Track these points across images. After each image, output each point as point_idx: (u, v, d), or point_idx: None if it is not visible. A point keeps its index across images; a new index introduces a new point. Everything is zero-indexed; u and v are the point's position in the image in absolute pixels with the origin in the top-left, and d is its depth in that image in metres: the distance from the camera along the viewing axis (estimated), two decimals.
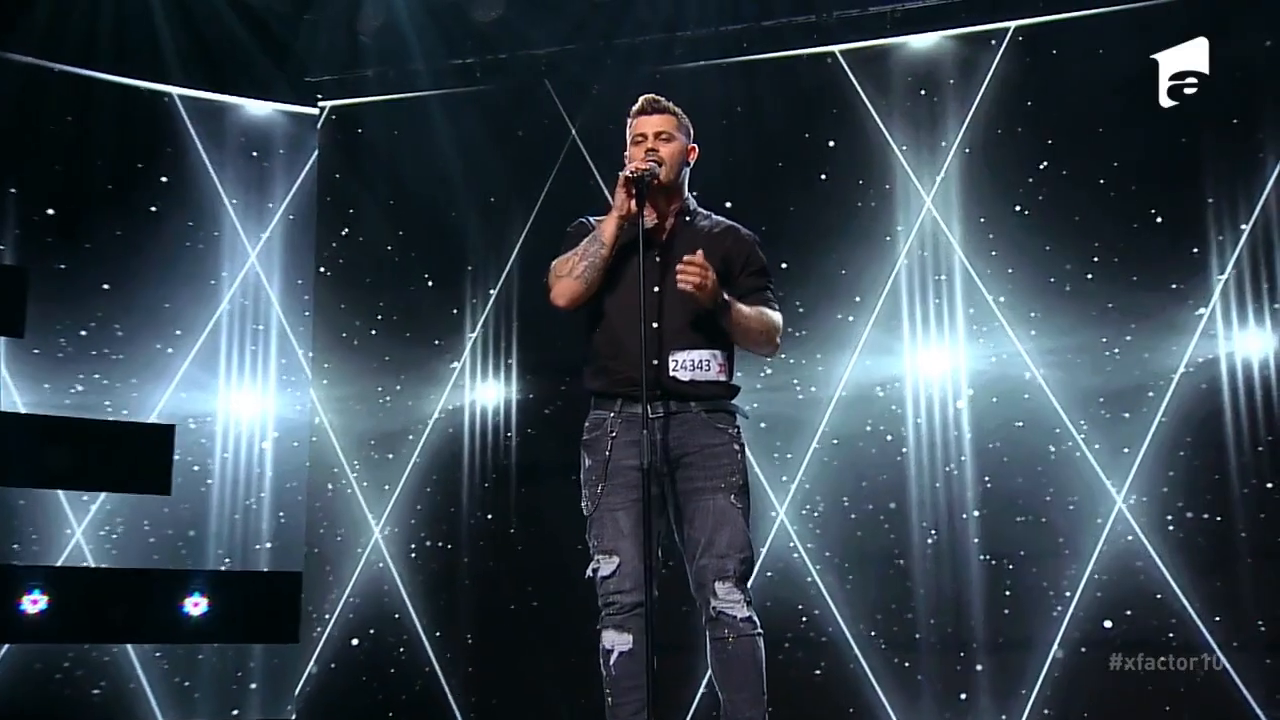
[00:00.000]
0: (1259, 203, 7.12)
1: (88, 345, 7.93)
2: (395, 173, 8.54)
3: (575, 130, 8.29)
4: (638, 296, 3.51)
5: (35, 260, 7.67)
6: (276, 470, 8.40)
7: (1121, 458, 7.12)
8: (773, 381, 7.62)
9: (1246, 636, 6.71)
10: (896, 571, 7.35)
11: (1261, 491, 6.88)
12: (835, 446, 7.61)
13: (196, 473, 8.12)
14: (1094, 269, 7.31)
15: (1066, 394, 7.28)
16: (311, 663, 8.06)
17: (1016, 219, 7.51)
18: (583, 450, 3.77)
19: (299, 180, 8.77)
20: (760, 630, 3.65)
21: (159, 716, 7.83)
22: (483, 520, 8.12)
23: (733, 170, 7.60)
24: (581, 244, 3.70)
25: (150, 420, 7.91)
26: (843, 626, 7.38)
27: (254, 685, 8.10)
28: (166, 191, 8.31)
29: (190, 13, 8.25)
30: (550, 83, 8.38)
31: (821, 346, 7.70)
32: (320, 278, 8.57)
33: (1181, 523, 6.98)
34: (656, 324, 3.62)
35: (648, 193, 3.60)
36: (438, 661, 7.96)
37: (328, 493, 8.29)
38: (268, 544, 8.29)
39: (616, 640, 3.62)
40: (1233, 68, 7.13)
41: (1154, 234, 7.26)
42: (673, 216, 3.80)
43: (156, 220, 8.21)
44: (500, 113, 8.45)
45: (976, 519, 7.30)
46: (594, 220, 3.78)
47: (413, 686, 7.93)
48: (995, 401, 7.43)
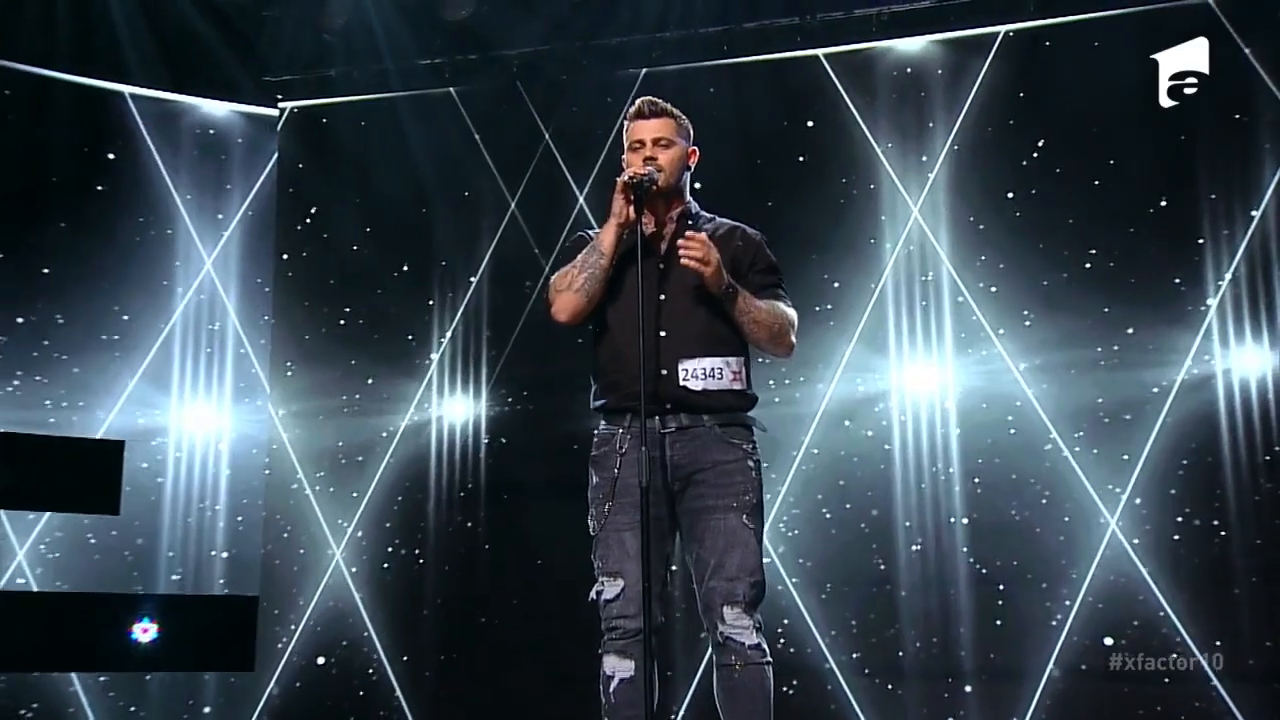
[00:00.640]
0: (1256, 216, 7.10)
1: (28, 348, 7.75)
2: (359, 178, 8.43)
3: (549, 135, 8.21)
4: (639, 306, 3.47)
5: None
6: (232, 487, 8.23)
7: (1115, 476, 7.06)
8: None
9: (1246, 661, 6.69)
10: (880, 589, 7.28)
11: (1260, 512, 6.85)
12: (818, 461, 7.51)
13: (147, 490, 7.93)
14: (1087, 281, 7.27)
15: (1058, 410, 7.23)
16: (271, 684, 7.89)
17: (1006, 229, 7.46)
18: (590, 467, 3.71)
19: (257, 185, 8.61)
20: (769, 659, 3.57)
21: None
22: (452, 539, 8.00)
23: (712, 176, 7.43)
24: (579, 256, 3.66)
25: (98, 436, 7.73)
26: (822, 647, 7.26)
27: (208, 709, 7.90)
28: (116, 197, 8.14)
29: (145, 8, 8.09)
30: (523, 85, 8.29)
31: (805, 356, 7.52)
32: (279, 285, 8.43)
33: (1176, 543, 6.94)
34: (664, 333, 3.57)
35: (646, 198, 3.56)
36: (404, 685, 7.86)
37: (287, 511, 8.16)
38: (222, 566, 8.11)
39: (618, 666, 3.53)
40: (1230, 75, 7.12)
41: (1149, 246, 7.23)
42: (673, 222, 3.75)
43: (106, 227, 8.03)
44: (470, 116, 8.34)
45: (965, 537, 7.24)
46: (592, 234, 3.74)
47: (378, 712, 7.80)
48: (984, 415, 7.38)
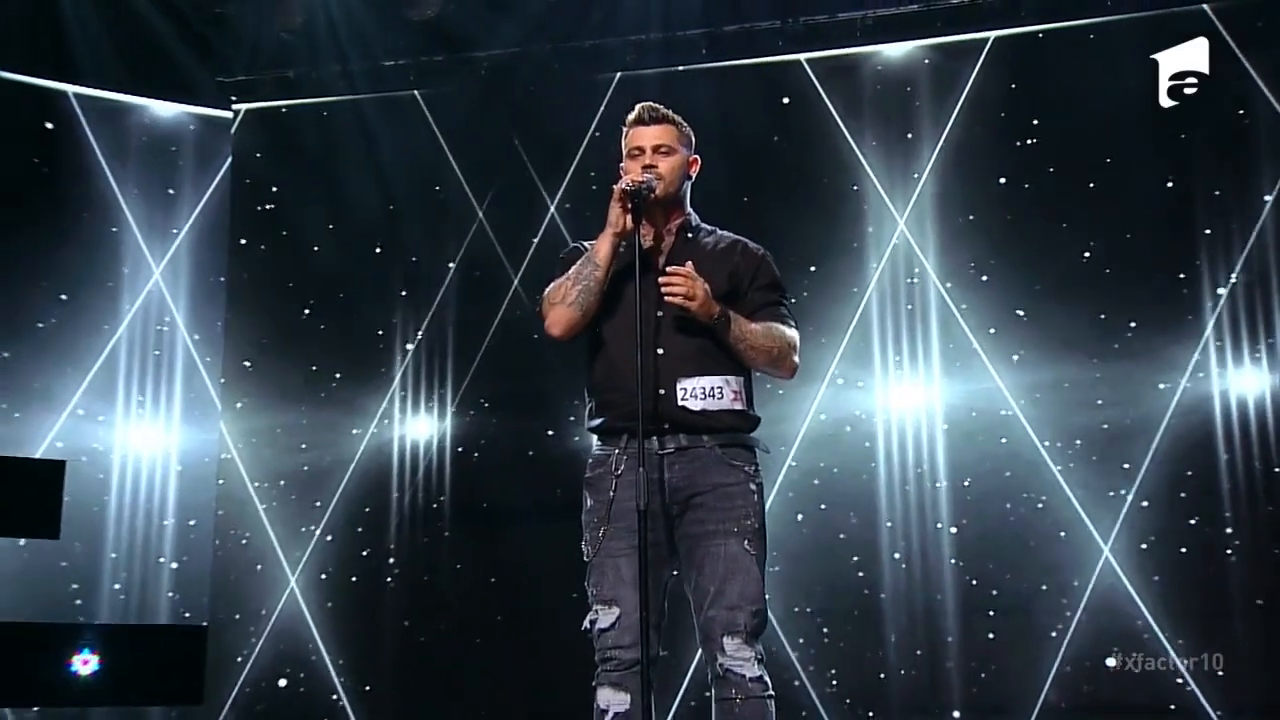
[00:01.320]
0: (1253, 233, 7.12)
1: None
2: (318, 185, 8.32)
3: (519, 141, 8.15)
4: (636, 322, 3.42)
5: None
6: (180, 510, 8.11)
7: (1108, 501, 7.04)
8: None
9: (1243, 691, 6.67)
10: (864, 616, 7.25)
11: (1258, 537, 6.86)
12: (802, 480, 7.43)
13: (90, 510, 7.78)
14: (1079, 296, 7.25)
15: (1049, 432, 7.21)
16: (223, 717, 7.77)
17: (996, 243, 7.46)
18: (585, 490, 3.63)
19: (209, 191, 8.48)
20: (772, 692, 3.49)
21: None
22: (414, 565, 7.90)
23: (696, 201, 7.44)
24: (574, 268, 3.60)
25: (37, 455, 7.56)
26: (805, 679, 7.17)
27: None
28: (59, 202, 8.01)
29: (95, 4, 7.94)
30: (492, 88, 8.20)
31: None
32: (233, 297, 8.31)
33: (1171, 570, 6.93)
34: (661, 350, 3.53)
35: (644, 208, 3.52)
36: (364, 718, 7.73)
37: (238, 535, 8.02)
38: (169, 594, 7.97)
39: (612, 700, 3.45)
40: (1228, 85, 7.17)
41: (1145, 260, 7.25)
42: (672, 234, 3.70)
43: (47, 234, 7.89)
44: (437, 120, 8.27)
45: (953, 566, 7.21)
46: (587, 245, 3.68)
47: None
48: (973, 437, 7.36)
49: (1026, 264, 7.36)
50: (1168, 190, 7.27)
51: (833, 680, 7.21)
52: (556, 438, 7.72)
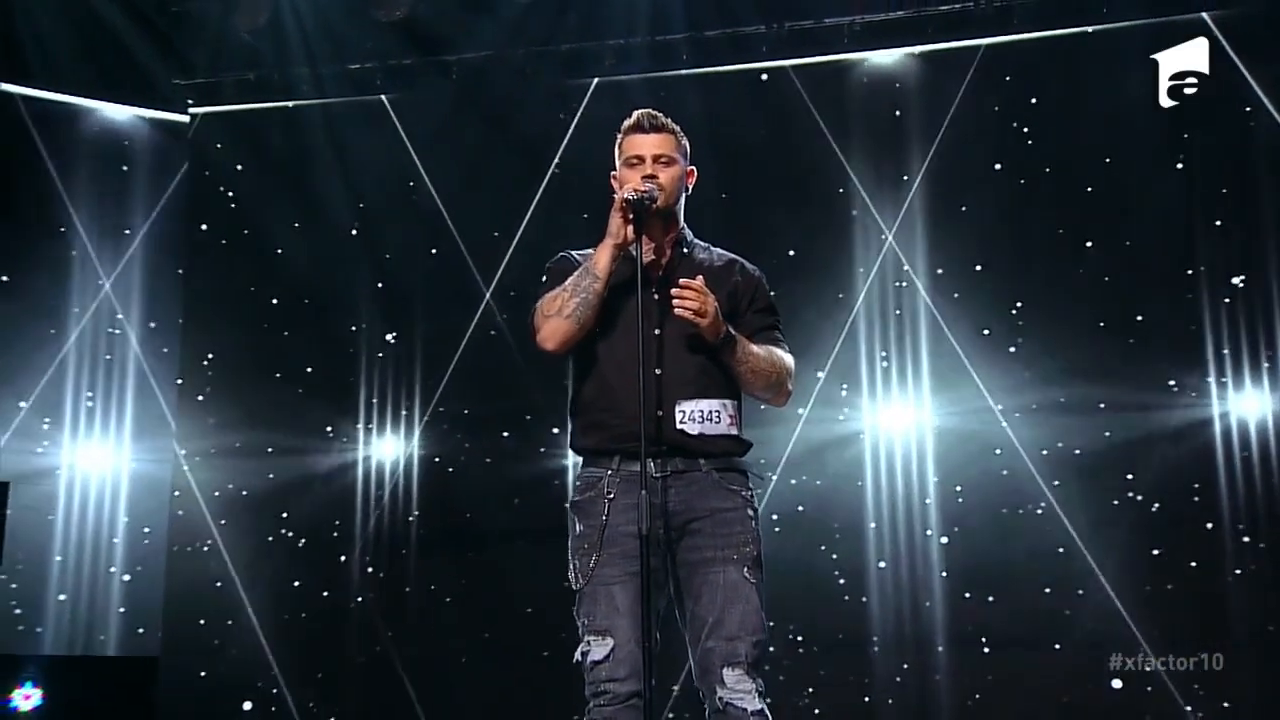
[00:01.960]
0: (1254, 252, 7.13)
1: None
2: (280, 193, 8.21)
3: (491, 148, 8.08)
4: (634, 339, 3.41)
5: None
6: (131, 534, 8.02)
7: (1103, 530, 7.02)
8: None
9: (1243, 715, 6.66)
10: (851, 648, 7.20)
11: (1258, 567, 6.83)
12: (787, 505, 7.36)
13: (35, 534, 7.70)
14: (1074, 313, 7.25)
15: (1042, 455, 7.18)
16: None
17: (988, 258, 7.44)
18: (572, 514, 3.56)
19: (164, 198, 8.42)
20: None
21: None
22: (376, 596, 7.81)
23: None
24: (570, 278, 3.54)
25: None
26: (788, 704, 7.09)
27: None
28: (4, 208, 7.93)
29: (44, 2, 7.84)
30: (464, 93, 8.14)
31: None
32: (189, 310, 8.21)
33: (1169, 601, 6.88)
34: (660, 371, 3.50)
35: (646, 219, 3.49)
36: None
37: (191, 561, 7.87)
38: (118, 621, 7.85)
39: None
40: (1224, 104, 7.17)
41: (1142, 278, 7.23)
42: (668, 248, 3.67)
43: None
44: (405, 126, 8.19)
45: (942, 597, 7.18)
46: (577, 254, 3.65)
47: None
48: (963, 461, 7.32)
49: (1019, 276, 7.36)
50: (1166, 201, 7.23)
51: (814, 710, 7.16)
52: (531, 456, 7.68)
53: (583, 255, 3.60)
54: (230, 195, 8.28)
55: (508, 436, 7.74)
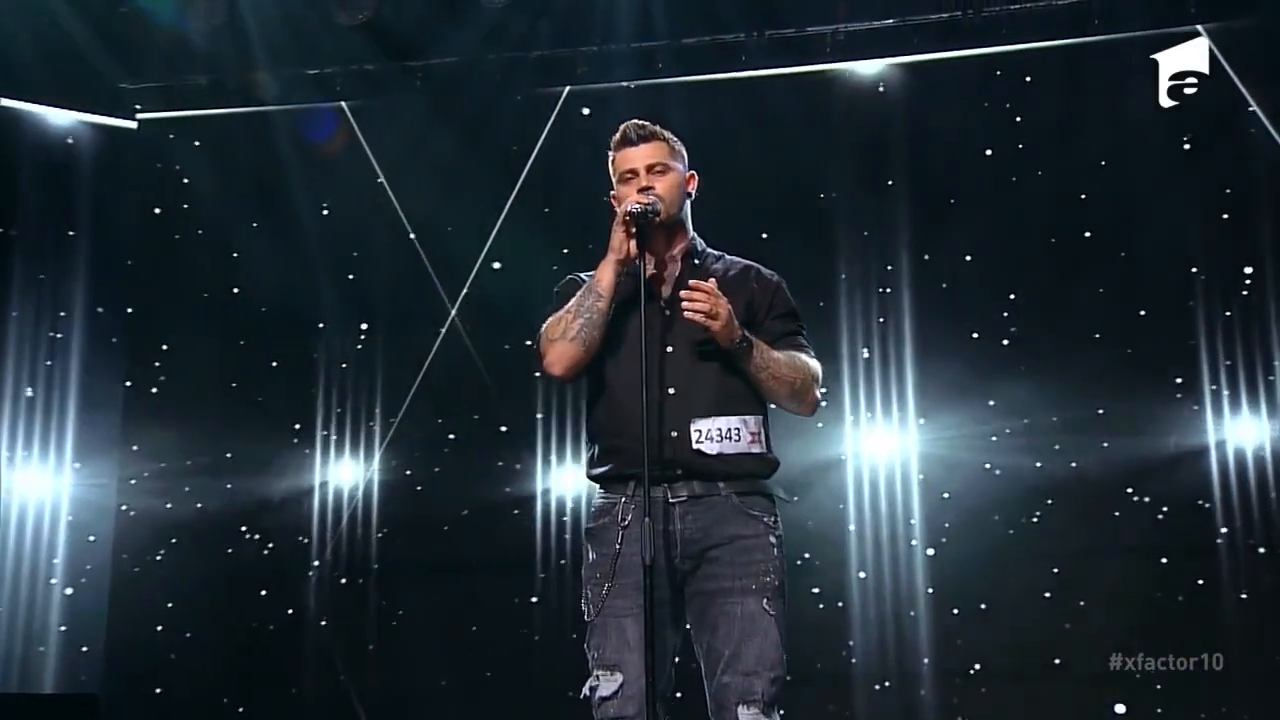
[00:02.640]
0: (1251, 271, 7.12)
1: None
2: (231, 204, 8.15)
3: (457, 159, 7.98)
4: (641, 359, 3.39)
5: None
6: (70, 565, 7.91)
7: (1094, 563, 7.01)
8: None
9: None
10: (834, 675, 7.17)
11: (1259, 601, 6.81)
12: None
13: None
14: (1065, 338, 7.24)
15: (1032, 485, 7.16)
16: None
17: (977, 278, 7.40)
18: (586, 542, 3.59)
19: (108, 209, 8.30)
20: None
21: None
22: (333, 632, 7.73)
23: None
24: (574, 299, 3.55)
25: None
26: None
27: None
28: None
29: None
30: (428, 101, 8.07)
31: None
32: (132, 326, 8.15)
33: (1165, 639, 6.82)
34: (672, 390, 3.49)
35: (650, 232, 3.49)
36: None
37: (136, 593, 7.76)
38: (55, 657, 7.75)
39: None
40: (1225, 117, 7.19)
41: (1136, 299, 7.22)
42: (677, 261, 3.66)
43: None
44: (366, 135, 8.14)
45: (929, 642, 7.15)
46: (585, 276, 3.62)
47: None
48: (948, 494, 7.29)
49: (1009, 294, 7.35)
50: (1161, 220, 7.22)
51: None
52: (497, 482, 7.64)
53: (590, 276, 3.57)
54: (179, 206, 8.20)
55: (474, 461, 7.66)
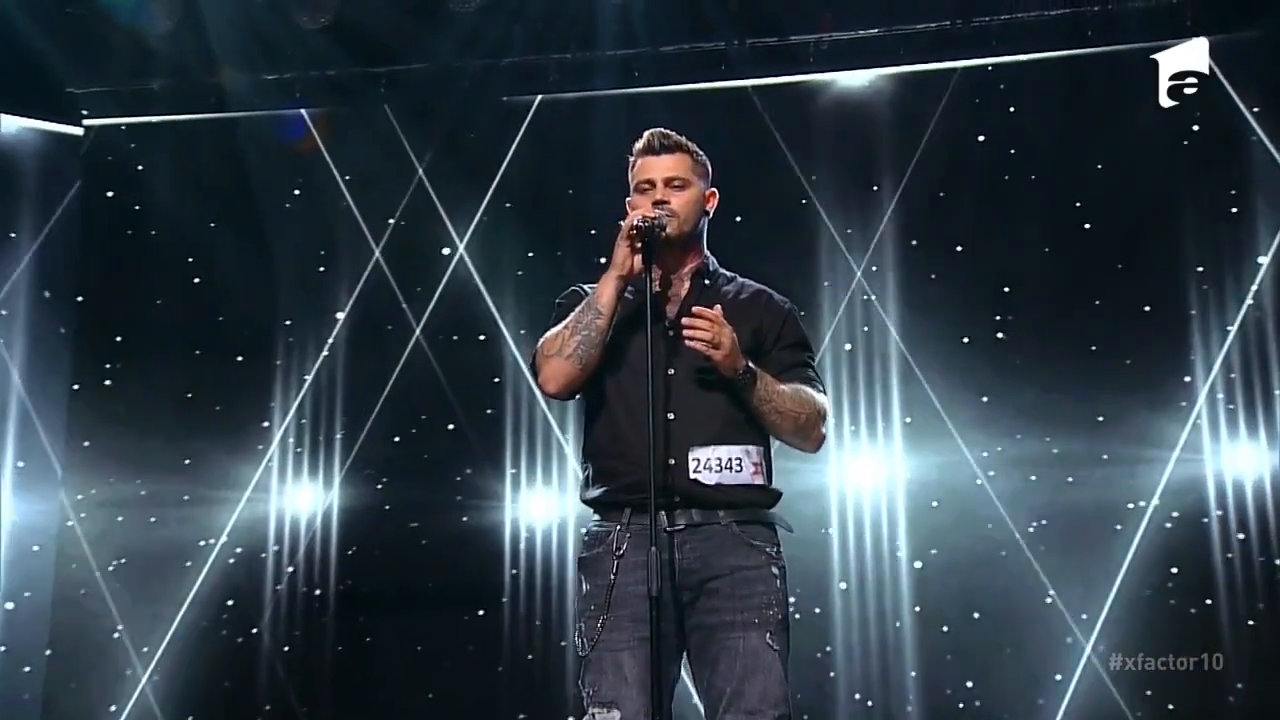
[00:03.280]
0: (1249, 293, 7.06)
1: None
2: (185, 215, 8.00)
3: (423, 170, 7.93)
4: (644, 381, 3.35)
5: None
6: (9, 592, 7.78)
7: (1090, 595, 6.94)
8: None
9: None
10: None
11: (1256, 634, 6.73)
12: None
13: None
14: (1055, 358, 7.14)
15: (1024, 514, 7.08)
16: None
17: (965, 299, 7.33)
18: (580, 573, 3.55)
19: (53, 219, 8.20)
20: None
21: None
22: (289, 670, 7.60)
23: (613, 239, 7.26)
24: (572, 315, 3.51)
25: None
26: None
27: None
28: None
29: None
30: (393, 109, 7.99)
31: None
32: (80, 343, 8.04)
33: (1161, 672, 6.78)
34: (672, 415, 3.44)
35: (657, 248, 3.45)
36: None
37: (79, 625, 7.63)
38: None
39: None
40: (1221, 134, 7.16)
41: (1130, 321, 7.15)
42: (686, 280, 3.62)
43: None
44: (326, 144, 8.05)
45: (915, 677, 7.05)
46: (588, 288, 3.59)
47: None
48: (938, 519, 7.21)
49: (997, 316, 7.29)
50: (1154, 239, 7.20)
51: None
52: (461, 511, 7.53)
53: (593, 289, 3.53)
54: (127, 217, 8.10)
55: (437, 488, 7.57)
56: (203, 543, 7.69)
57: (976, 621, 6.96)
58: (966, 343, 7.25)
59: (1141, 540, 6.88)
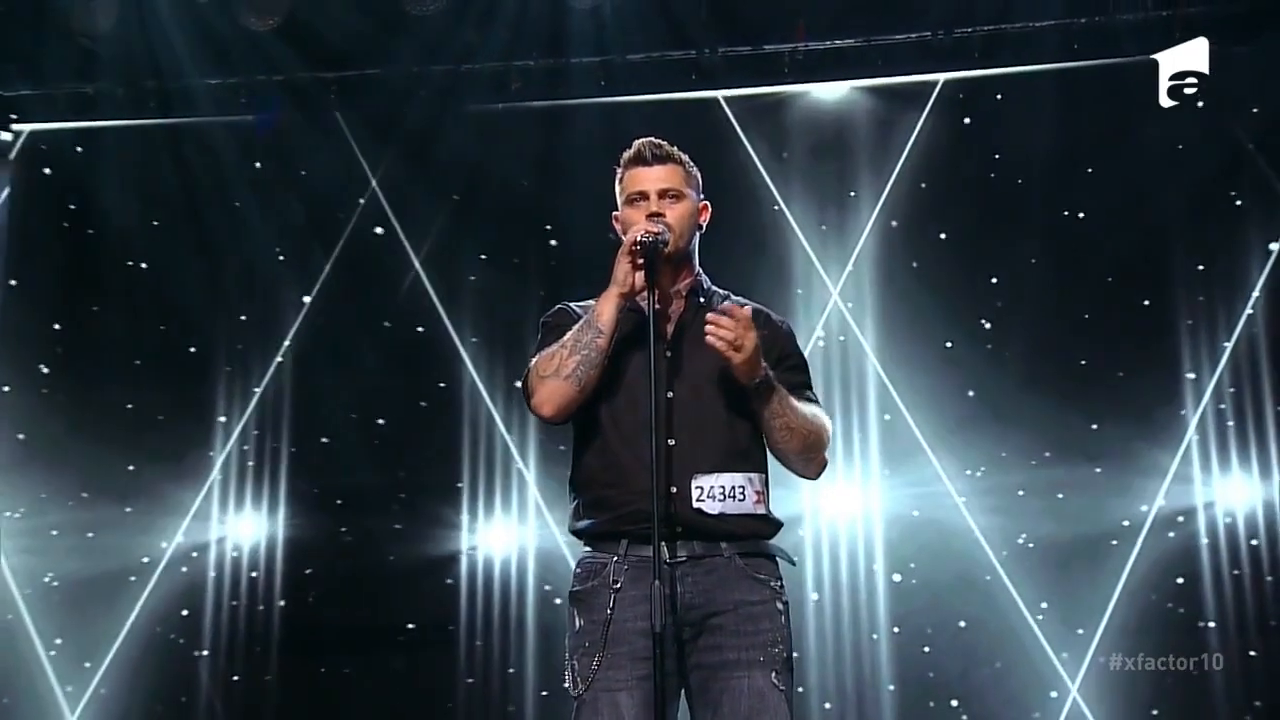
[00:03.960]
0: (1242, 316, 7.08)
1: None
2: (121, 227, 7.94)
3: (376, 181, 7.87)
4: (642, 404, 3.30)
5: None
6: None
7: (1076, 630, 6.93)
8: None
9: None
10: None
11: (1250, 669, 6.74)
12: None
13: None
14: (1041, 384, 7.09)
15: (1006, 545, 7.08)
16: None
17: (946, 318, 7.32)
18: (571, 607, 3.46)
19: None
20: None
21: None
22: (230, 708, 7.49)
23: (575, 250, 7.31)
24: (569, 334, 3.43)
25: None
26: None
27: None
28: None
29: None
30: (344, 117, 7.92)
31: None
32: (5, 358, 7.94)
33: (1149, 709, 6.82)
34: (672, 441, 3.38)
35: (659, 264, 3.39)
36: None
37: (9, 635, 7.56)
38: None
39: None
40: (1214, 155, 7.18)
41: (1118, 342, 7.16)
42: (682, 298, 3.57)
43: None
44: (274, 153, 7.96)
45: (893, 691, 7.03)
46: (577, 306, 3.56)
47: None
48: (916, 549, 7.20)
49: (979, 336, 7.29)
50: (1141, 256, 7.21)
51: None
52: (415, 541, 7.47)
53: (583, 307, 3.49)
54: (59, 227, 8.06)
55: (389, 517, 7.51)
56: (130, 582, 7.56)
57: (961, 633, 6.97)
58: (949, 347, 7.25)
59: (1131, 571, 6.88)
